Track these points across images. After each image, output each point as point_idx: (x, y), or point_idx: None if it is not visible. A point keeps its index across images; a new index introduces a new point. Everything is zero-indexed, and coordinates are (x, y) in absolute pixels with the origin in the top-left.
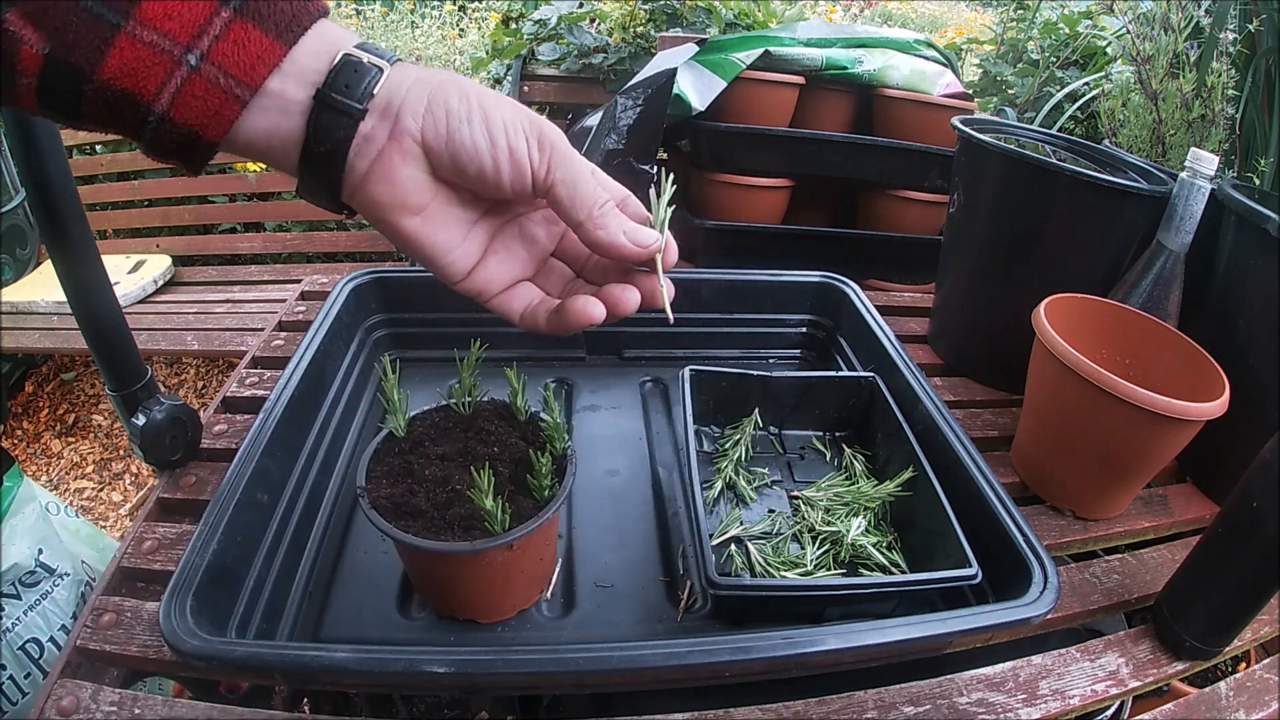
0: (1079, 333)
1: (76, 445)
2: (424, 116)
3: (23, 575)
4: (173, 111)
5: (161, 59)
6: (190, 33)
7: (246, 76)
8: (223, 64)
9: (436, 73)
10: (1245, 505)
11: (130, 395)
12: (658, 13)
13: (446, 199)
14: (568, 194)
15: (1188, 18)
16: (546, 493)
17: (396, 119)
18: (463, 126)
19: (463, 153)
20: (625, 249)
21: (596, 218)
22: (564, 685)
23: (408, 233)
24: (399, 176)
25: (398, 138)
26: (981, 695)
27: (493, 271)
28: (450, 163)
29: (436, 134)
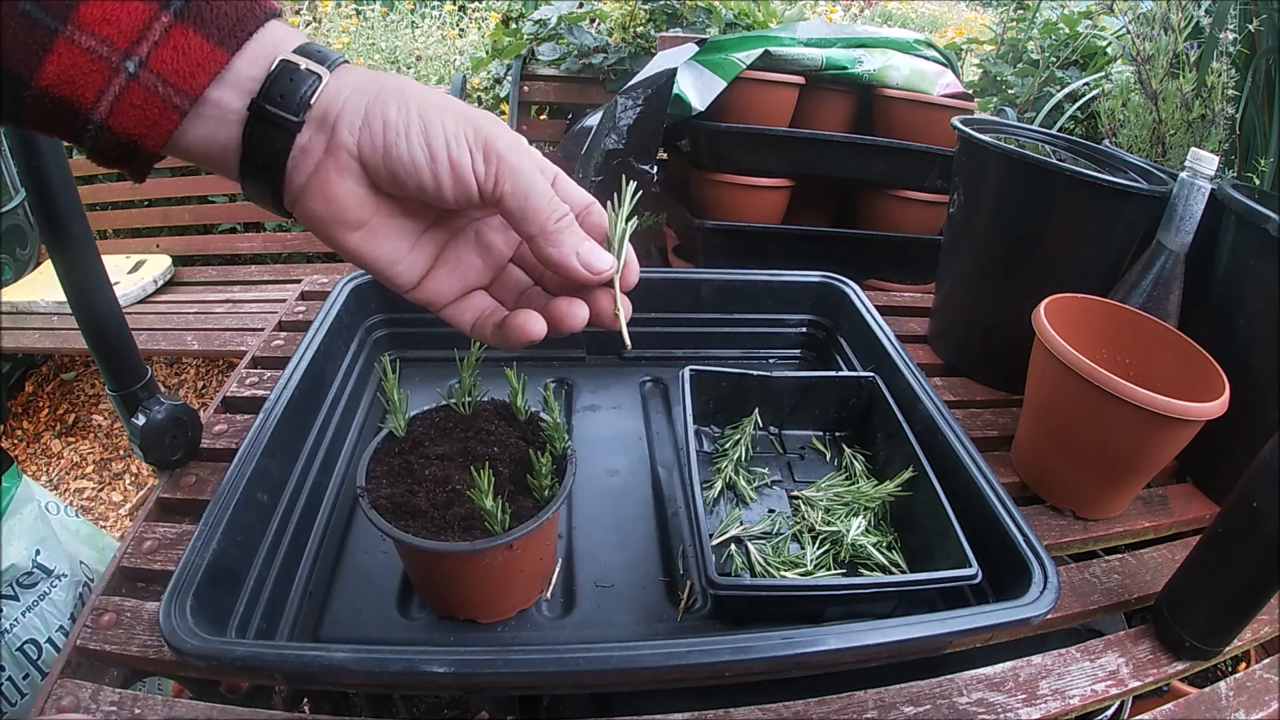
0: (1079, 333)
1: (76, 445)
2: (360, 129)
3: (20, 576)
4: (111, 120)
5: (99, 66)
6: (129, 38)
7: (186, 85)
8: (161, 71)
9: (379, 78)
10: (1245, 505)
11: (130, 395)
12: (658, 13)
13: (390, 211)
14: (518, 206)
15: (1188, 18)
16: (546, 493)
17: (333, 131)
18: (400, 140)
19: (400, 168)
20: (575, 271)
21: (550, 233)
22: (564, 685)
23: (350, 247)
24: (336, 192)
25: (334, 152)
26: (981, 695)
27: (442, 282)
28: (389, 177)
29: (373, 148)
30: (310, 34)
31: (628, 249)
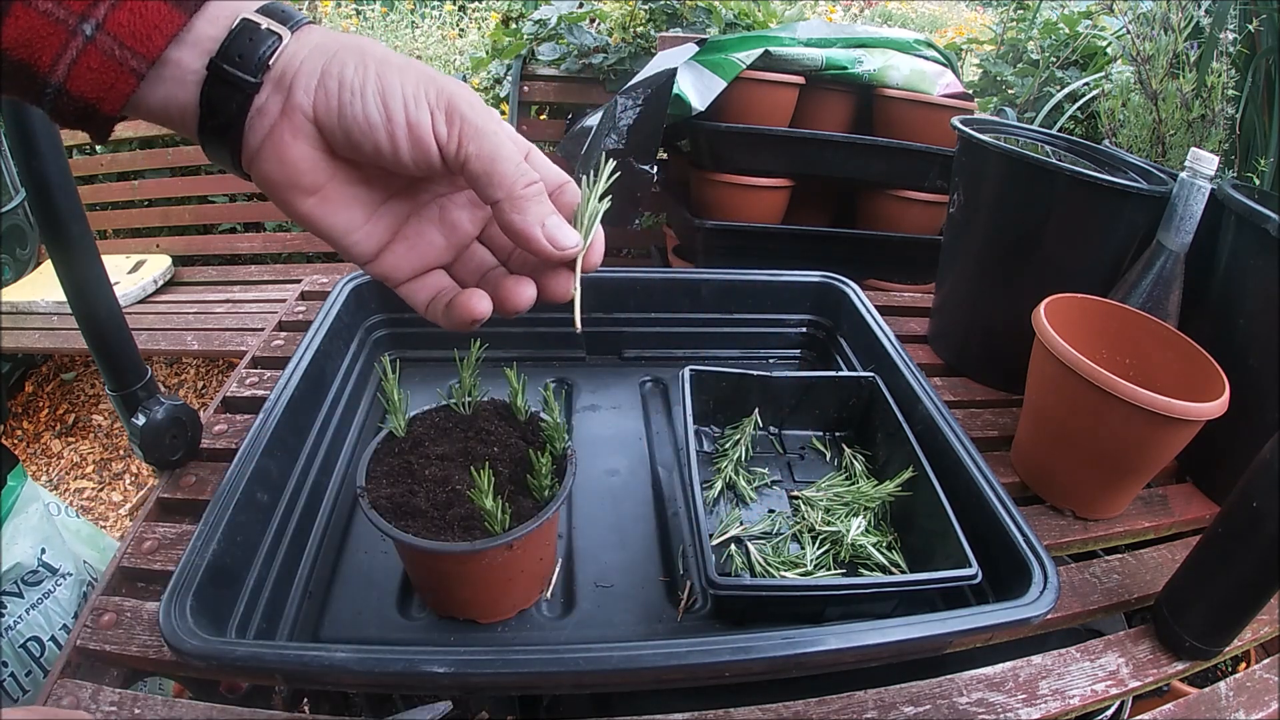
0: (1079, 333)
1: (76, 445)
2: (316, 90)
3: (25, 574)
4: (69, 84)
5: (56, 29)
6: (85, 2)
7: (142, 48)
8: (118, 34)
9: (341, 38)
10: (1245, 505)
11: (130, 395)
12: (658, 13)
13: (347, 178)
14: (483, 169)
15: (1188, 18)
16: (546, 493)
17: (289, 92)
18: (355, 100)
19: (355, 129)
20: (539, 243)
21: (517, 199)
22: (564, 685)
23: (302, 213)
24: (290, 155)
25: (289, 113)
26: (981, 695)
27: (401, 257)
28: (344, 139)
29: (328, 108)
30: None
31: (597, 229)
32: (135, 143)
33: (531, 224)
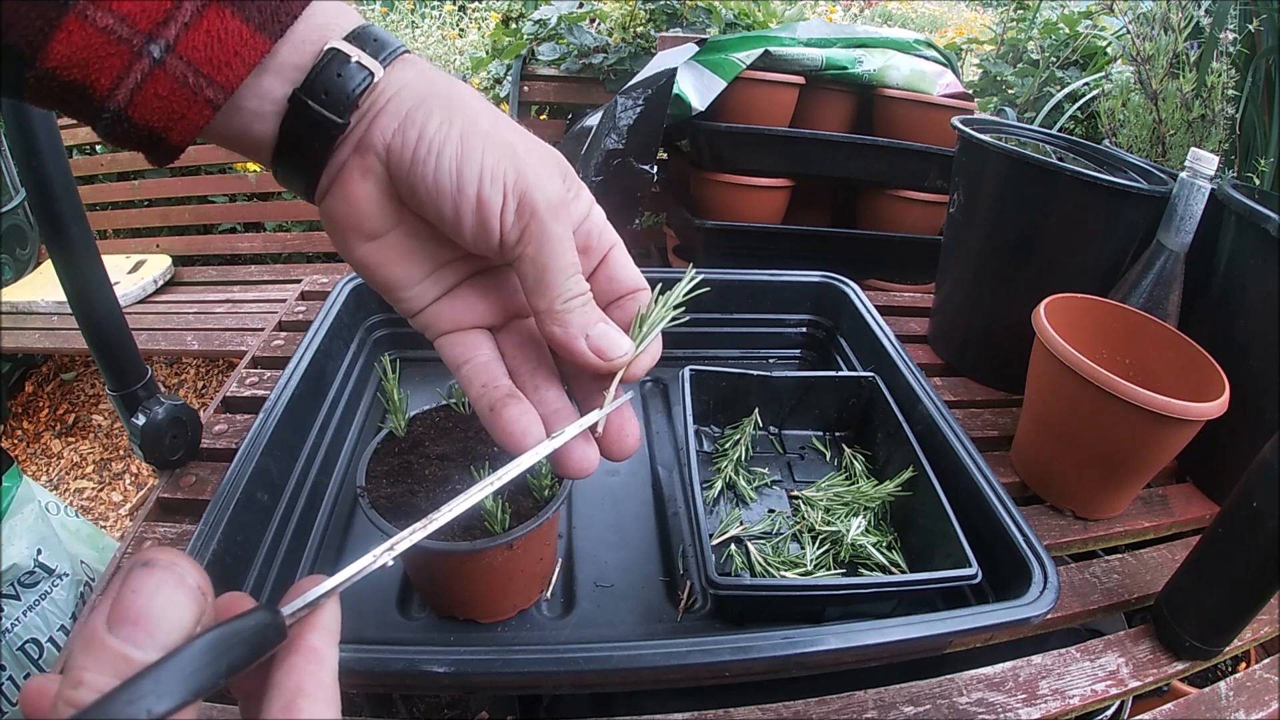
0: (1079, 333)
1: (76, 445)
2: (394, 133)
3: (22, 576)
4: (131, 111)
5: (118, 49)
6: (154, 18)
7: (220, 76)
8: (192, 59)
9: (434, 80)
10: (1245, 505)
11: (130, 395)
12: (658, 13)
13: (412, 230)
14: (534, 273)
15: (1188, 18)
16: (546, 493)
17: (368, 129)
18: (429, 158)
19: (422, 188)
20: (583, 356)
21: (558, 312)
22: (564, 685)
23: (359, 257)
24: (357, 195)
25: (362, 151)
26: (981, 695)
27: (444, 313)
28: (409, 194)
29: (401, 157)
30: None
31: (655, 339)
32: None
33: (574, 335)
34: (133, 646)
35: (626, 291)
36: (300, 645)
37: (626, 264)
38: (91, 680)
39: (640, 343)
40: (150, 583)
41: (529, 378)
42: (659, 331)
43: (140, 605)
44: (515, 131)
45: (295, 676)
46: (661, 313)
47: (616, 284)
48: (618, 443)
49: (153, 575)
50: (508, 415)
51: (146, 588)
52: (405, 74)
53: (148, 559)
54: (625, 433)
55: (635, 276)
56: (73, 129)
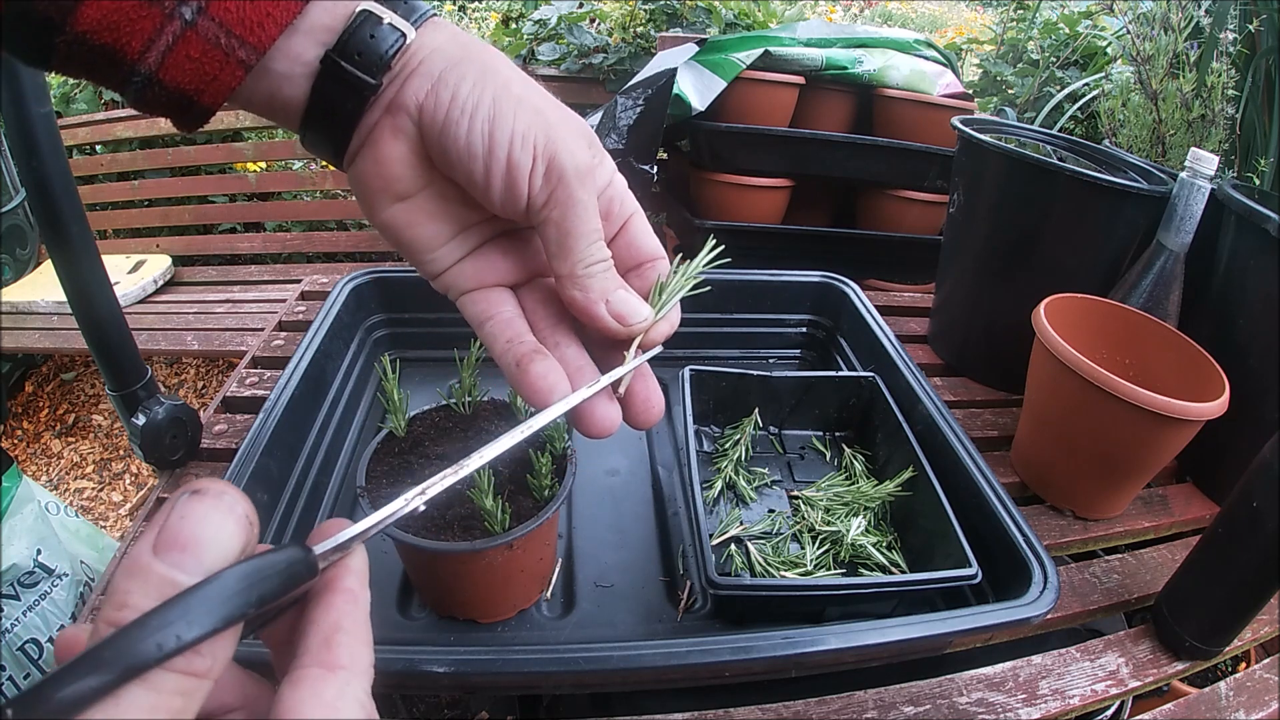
0: (1079, 333)
1: (76, 445)
2: (427, 94)
3: (21, 576)
4: (162, 73)
5: (150, 11)
6: None
7: (253, 36)
8: (224, 20)
9: (468, 44)
10: (1245, 505)
11: (130, 395)
12: (658, 13)
13: (442, 191)
14: (557, 237)
15: (1188, 18)
16: (546, 493)
17: (400, 89)
18: (462, 119)
19: (453, 150)
20: (604, 322)
21: (579, 276)
22: (564, 685)
23: (387, 219)
24: (388, 155)
25: (393, 111)
26: (981, 695)
27: (467, 272)
28: (440, 156)
29: (434, 119)
30: None
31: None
32: (135, 143)
33: (595, 300)
34: (179, 571)
35: (645, 259)
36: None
37: (646, 232)
38: (136, 602)
39: (660, 309)
40: (199, 509)
41: (550, 334)
42: (678, 300)
43: (188, 531)
44: (545, 98)
45: (333, 615)
46: (682, 280)
47: (636, 251)
48: (644, 412)
49: (202, 502)
50: (535, 372)
51: (195, 514)
52: (438, 36)
53: (197, 487)
54: (651, 402)
55: (654, 245)
56: (73, 129)
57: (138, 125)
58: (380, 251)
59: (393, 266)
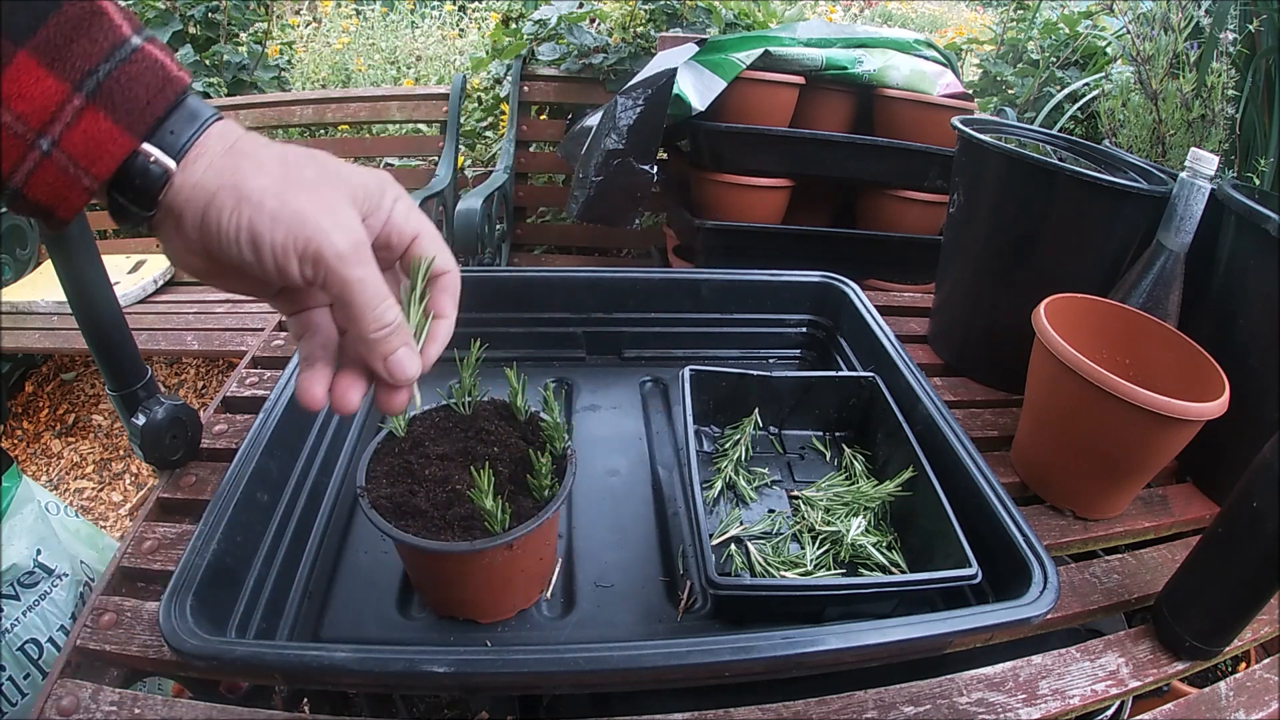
0: (1079, 333)
1: (76, 445)
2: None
3: (21, 576)
4: (26, 190)
5: (16, 142)
6: (42, 119)
7: (95, 169)
8: (72, 153)
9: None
10: (1245, 505)
11: (130, 395)
12: (658, 13)
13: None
14: (342, 309)
15: (1188, 18)
16: (546, 493)
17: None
18: (228, 245)
19: (228, 261)
20: (381, 377)
21: (366, 340)
22: (564, 685)
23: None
24: (186, 261)
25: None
26: (981, 695)
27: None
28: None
29: (206, 245)
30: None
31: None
32: None
33: (375, 360)
34: None
35: (435, 275)
36: None
37: (431, 249)
38: None
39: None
40: None
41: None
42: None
43: None
44: (304, 190)
45: None
46: (419, 320)
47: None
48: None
49: None
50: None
51: None
52: (197, 168)
53: None
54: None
55: (441, 261)
56: None
57: None
58: None
59: None
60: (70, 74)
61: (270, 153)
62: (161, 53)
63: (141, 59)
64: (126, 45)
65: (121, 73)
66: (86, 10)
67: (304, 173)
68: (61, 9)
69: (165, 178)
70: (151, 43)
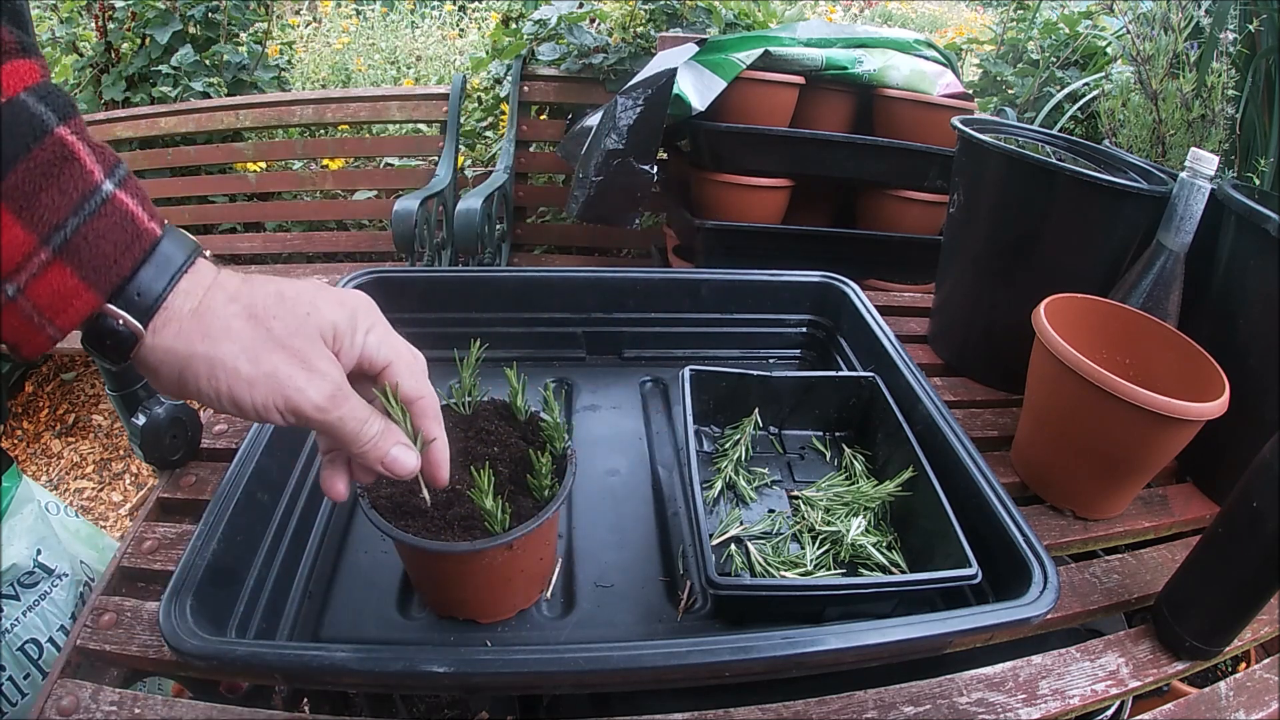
0: (1079, 333)
1: (76, 445)
2: (176, 391)
3: (21, 576)
4: None
5: None
6: (8, 266)
7: (58, 320)
8: (37, 303)
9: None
10: (1245, 505)
11: (130, 395)
12: (658, 13)
13: None
14: (330, 439)
15: (1188, 18)
16: (546, 493)
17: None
18: (214, 404)
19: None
20: (384, 474)
21: (357, 454)
22: (564, 685)
23: None
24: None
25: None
26: (981, 695)
27: None
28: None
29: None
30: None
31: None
32: (135, 143)
33: (373, 463)
34: None
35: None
36: None
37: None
38: None
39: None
40: None
41: None
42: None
43: None
44: (275, 349)
45: None
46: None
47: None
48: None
49: None
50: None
51: None
52: (166, 335)
53: None
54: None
55: (409, 388)
56: None
57: (137, 125)
58: (380, 252)
59: (393, 266)
60: (38, 226)
61: (237, 309)
62: (133, 200)
63: (111, 211)
64: (97, 195)
65: (89, 229)
66: (57, 156)
67: (273, 327)
68: (31, 154)
69: (134, 339)
70: (124, 187)
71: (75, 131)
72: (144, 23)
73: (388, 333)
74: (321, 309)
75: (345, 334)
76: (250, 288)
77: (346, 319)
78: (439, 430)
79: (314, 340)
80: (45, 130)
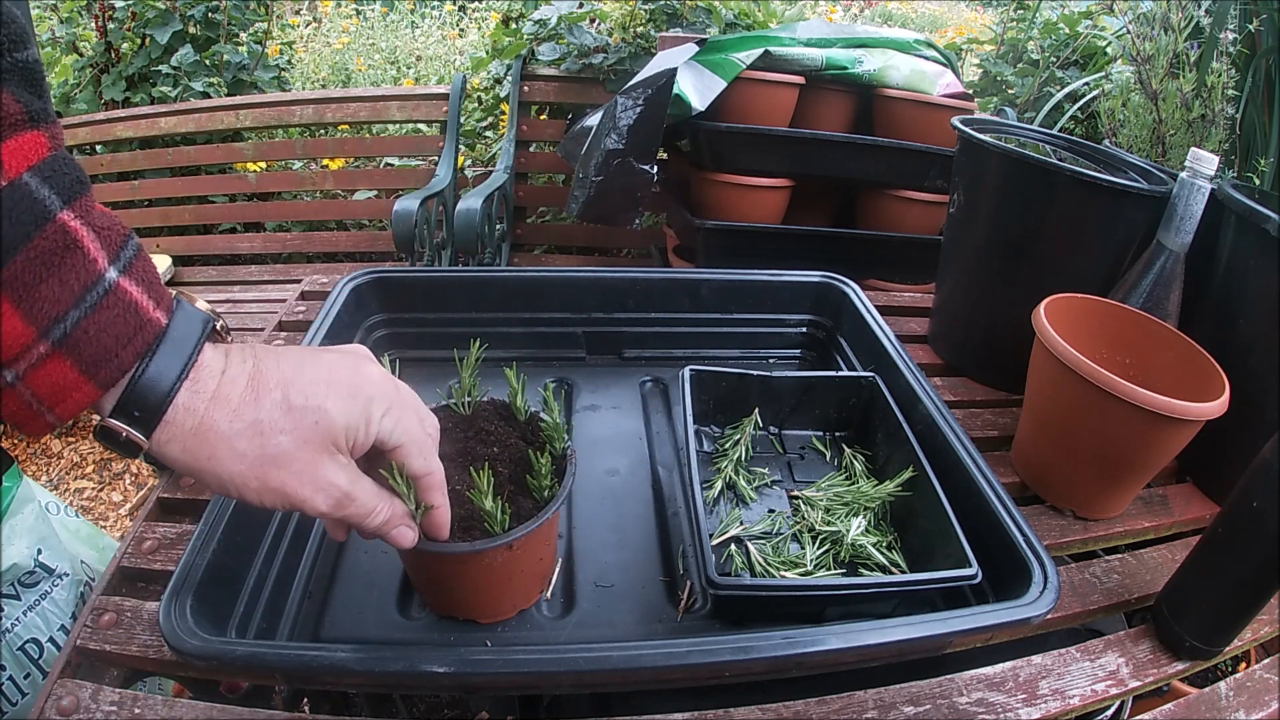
0: (1079, 333)
1: (76, 445)
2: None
3: (22, 575)
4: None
5: None
6: (7, 355)
7: (57, 409)
8: (36, 391)
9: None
10: (1245, 505)
11: None
12: (658, 13)
13: None
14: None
15: (1188, 18)
16: (546, 493)
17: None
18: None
19: None
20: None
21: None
22: (564, 685)
23: None
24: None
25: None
26: (981, 695)
27: None
28: None
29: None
30: (310, 34)
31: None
32: (135, 143)
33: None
34: None
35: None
36: None
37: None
38: None
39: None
40: None
41: None
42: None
43: None
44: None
45: None
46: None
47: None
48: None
49: None
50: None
51: None
52: (171, 450)
53: None
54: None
55: (420, 465)
56: (73, 129)
57: (137, 125)
58: (380, 251)
59: (393, 267)
60: (37, 319)
61: (241, 427)
62: (138, 286)
63: (114, 304)
64: (99, 285)
65: (90, 322)
66: (59, 244)
67: (280, 442)
68: (32, 243)
69: (139, 449)
70: (129, 272)
71: (80, 214)
72: (144, 23)
73: (402, 413)
74: (331, 413)
75: (358, 429)
76: (255, 396)
77: (359, 414)
78: (442, 499)
79: (321, 450)
80: (47, 217)
